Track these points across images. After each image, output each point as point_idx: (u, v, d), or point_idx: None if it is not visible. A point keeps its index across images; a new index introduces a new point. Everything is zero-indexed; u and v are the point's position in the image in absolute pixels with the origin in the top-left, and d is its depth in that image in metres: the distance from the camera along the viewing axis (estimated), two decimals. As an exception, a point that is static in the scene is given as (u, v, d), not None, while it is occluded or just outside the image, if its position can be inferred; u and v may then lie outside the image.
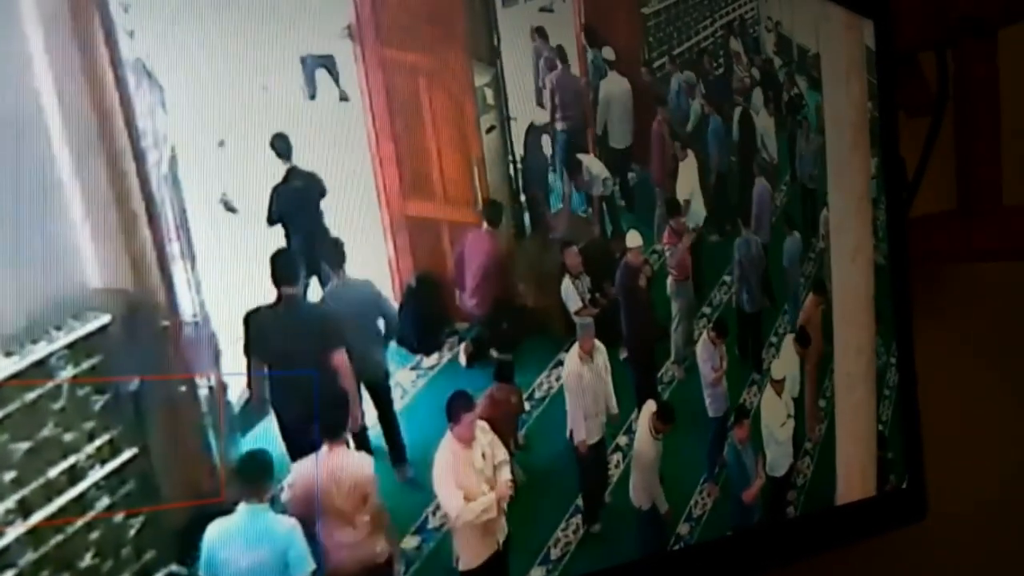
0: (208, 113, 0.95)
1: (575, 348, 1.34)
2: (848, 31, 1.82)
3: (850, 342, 1.81)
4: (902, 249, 1.93)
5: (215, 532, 0.90)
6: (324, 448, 0.99)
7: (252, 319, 0.96)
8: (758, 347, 1.69)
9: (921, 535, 1.90)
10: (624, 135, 1.56)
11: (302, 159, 1.06)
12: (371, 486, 1.02)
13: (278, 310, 0.98)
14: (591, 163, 1.54)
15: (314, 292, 1.08)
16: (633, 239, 1.47)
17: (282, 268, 0.97)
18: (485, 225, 1.33)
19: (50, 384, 0.76)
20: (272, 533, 0.92)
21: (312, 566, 0.94)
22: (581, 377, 1.34)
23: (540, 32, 1.53)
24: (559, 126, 1.50)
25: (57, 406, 0.77)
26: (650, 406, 1.42)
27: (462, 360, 1.31)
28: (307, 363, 1.00)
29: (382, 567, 1.04)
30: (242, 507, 0.92)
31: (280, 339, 0.97)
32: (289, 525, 0.94)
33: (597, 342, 1.37)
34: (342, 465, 1.00)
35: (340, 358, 1.02)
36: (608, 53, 1.56)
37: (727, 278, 1.69)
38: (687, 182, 1.64)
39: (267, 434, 1.01)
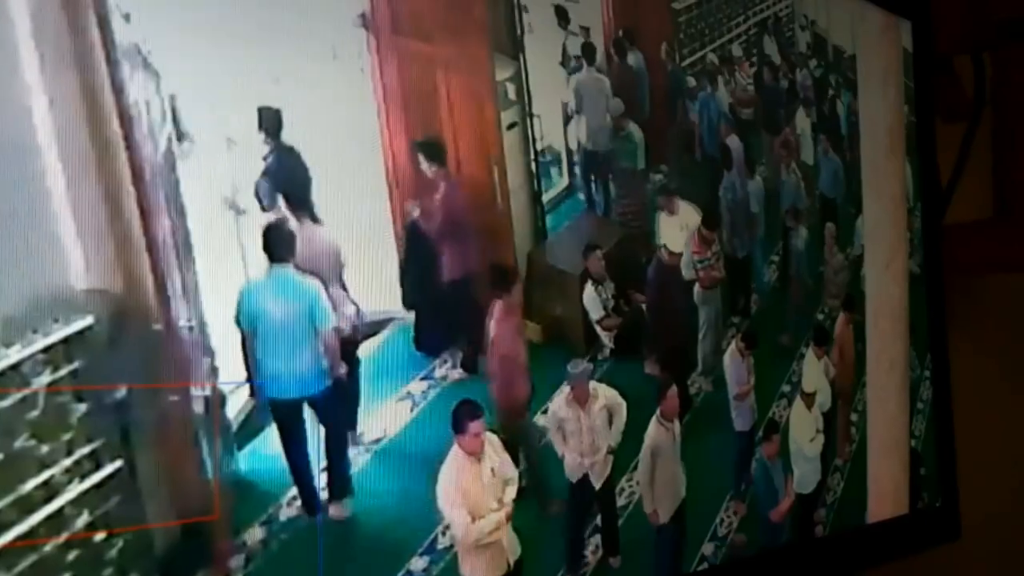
0: (212, 105, 0.90)
1: (565, 394, 1.22)
2: (885, 32, 1.76)
3: (883, 354, 1.75)
4: (937, 258, 1.86)
5: (246, 288, 0.98)
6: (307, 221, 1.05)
7: None
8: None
9: (954, 555, 1.83)
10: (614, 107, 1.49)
11: (312, 153, 1.00)
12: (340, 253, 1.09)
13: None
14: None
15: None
16: (674, 242, 1.41)
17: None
18: (430, 166, 1.22)
19: (25, 391, 0.71)
20: (299, 288, 1.02)
21: (334, 322, 1.03)
22: (564, 421, 1.23)
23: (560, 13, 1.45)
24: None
25: (32, 415, 0.72)
26: None
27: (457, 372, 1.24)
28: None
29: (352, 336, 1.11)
30: (268, 269, 1.00)
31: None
32: (314, 282, 1.02)
33: (597, 386, 1.26)
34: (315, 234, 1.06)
35: None
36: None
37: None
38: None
39: (264, 446, 0.98)
